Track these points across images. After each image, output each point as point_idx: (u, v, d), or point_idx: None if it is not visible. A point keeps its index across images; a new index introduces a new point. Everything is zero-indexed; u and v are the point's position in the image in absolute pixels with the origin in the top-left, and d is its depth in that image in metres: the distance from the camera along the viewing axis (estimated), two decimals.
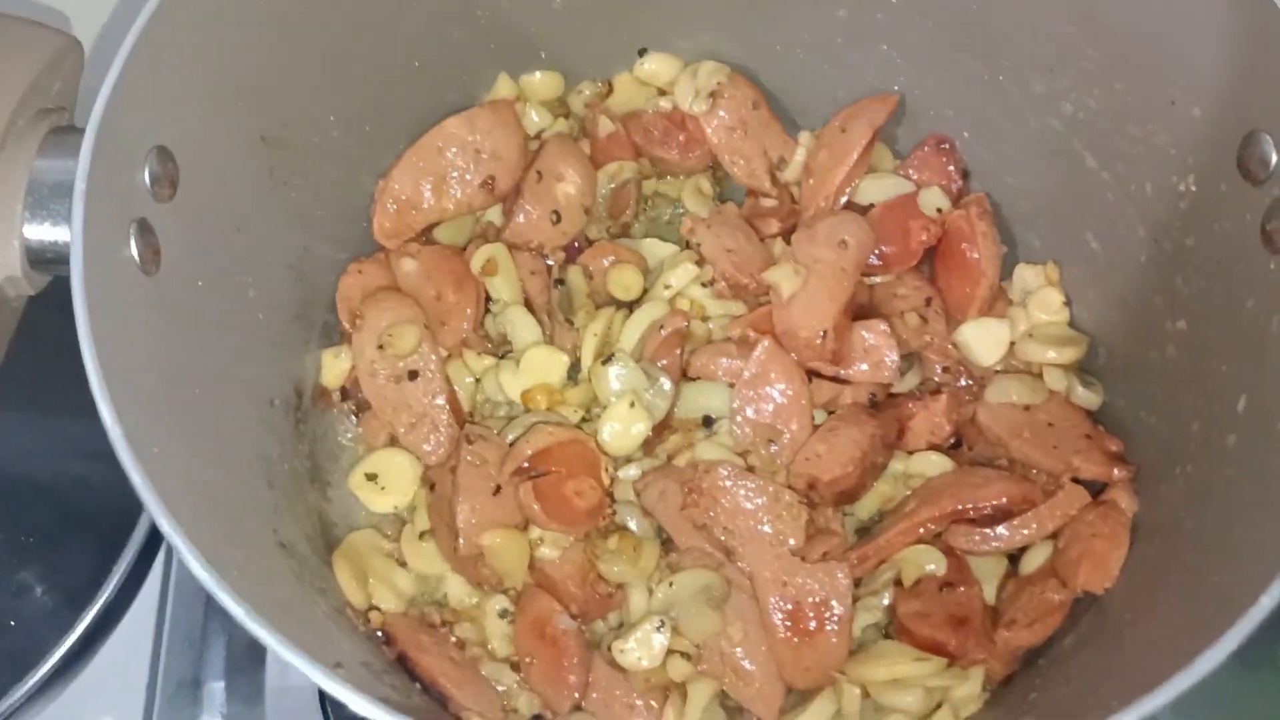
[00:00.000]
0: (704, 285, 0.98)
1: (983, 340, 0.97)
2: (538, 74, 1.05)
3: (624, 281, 0.99)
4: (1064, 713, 0.76)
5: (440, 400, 0.93)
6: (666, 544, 0.91)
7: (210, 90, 0.79)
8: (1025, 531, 0.85)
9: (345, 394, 0.98)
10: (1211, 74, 0.78)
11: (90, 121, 0.68)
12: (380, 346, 0.93)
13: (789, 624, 0.85)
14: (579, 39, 1.04)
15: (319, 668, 0.61)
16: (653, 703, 0.85)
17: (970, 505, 0.85)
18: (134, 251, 0.70)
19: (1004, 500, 0.85)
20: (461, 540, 0.86)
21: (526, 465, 0.87)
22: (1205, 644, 0.58)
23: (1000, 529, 0.85)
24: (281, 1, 0.82)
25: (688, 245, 1.01)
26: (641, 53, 1.07)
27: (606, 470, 0.91)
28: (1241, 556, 0.66)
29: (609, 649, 0.86)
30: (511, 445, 0.89)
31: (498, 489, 0.88)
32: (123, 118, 0.70)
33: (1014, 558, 0.88)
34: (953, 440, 0.95)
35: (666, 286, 0.98)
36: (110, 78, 0.69)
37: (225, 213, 0.82)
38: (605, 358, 0.92)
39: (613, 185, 1.04)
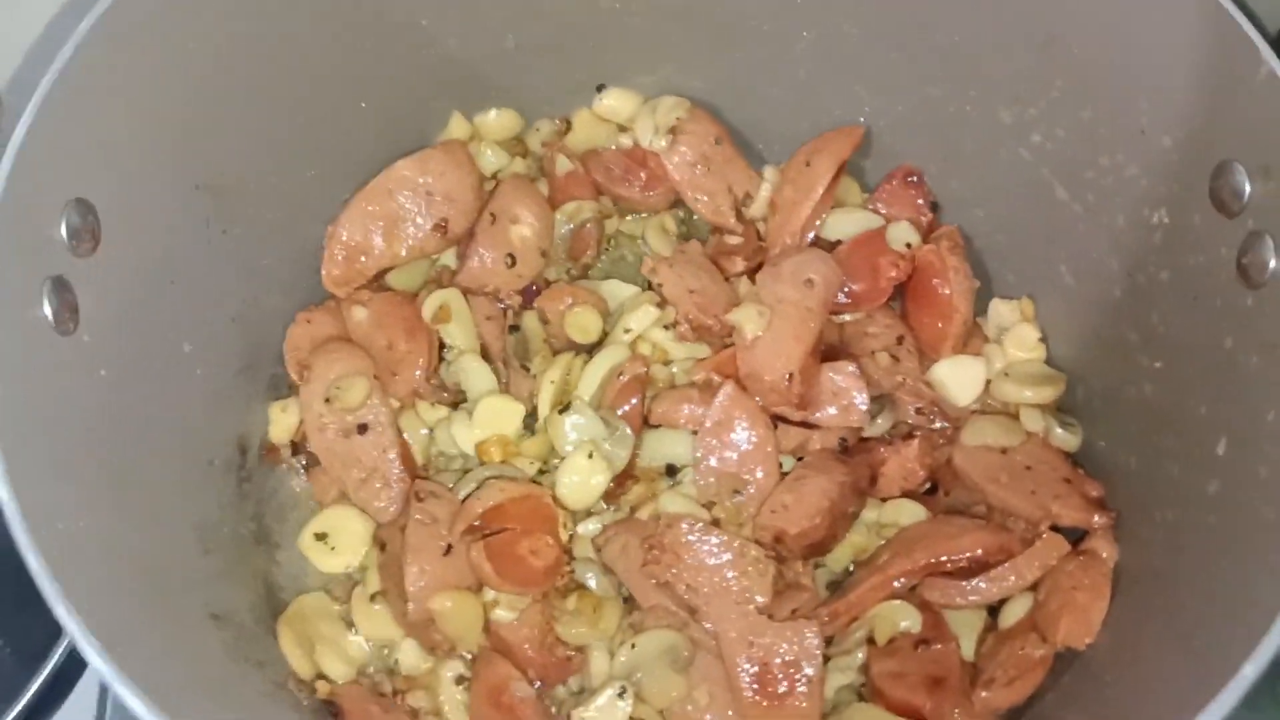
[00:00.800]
0: (666, 328, 0.95)
1: (958, 379, 0.93)
2: (493, 112, 1.03)
3: (582, 324, 0.95)
4: None
5: (391, 455, 0.89)
6: (629, 601, 0.87)
7: (136, 138, 0.76)
8: (1003, 584, 0.81)
9: (296, 448, 0.94)
10: (1181, 102, 0.75)
11: None
12: (328, 400, 0.89)
13: (757, 686, 0.81)
14: (535, 76, 1.01)
15: None
16: None
17: (945, 557, 0.81)
18: (47, 310, 0.67)
19: (980, 551, 0.81)
20: (410, 604, 0.82)
21: (478, 523, 0.83)
22: (1190, 712, 0.54)
23: (977, 582, 0.81)
24: (212, 44, 0.79)
25: (650, 286, 0.97)
26: (600, 89, 1.04)
27: (565, 525, 0.87)
28: (1225, 615, 0.62)
29: (569, 717, 0.81)
30: (463, 502, 0.85)
31: (449, 549, 0.84)
32: (36, 170, 0.66)
33: (994, 609, 0.84)
34: (928, 485, 0.91)
35: (627, 330, 0.94)
36: (20, 128, 0.66)
37: (156, 265, 0.79)
38: (562, 407, 0.89)
39: (571, 226, 1.01)
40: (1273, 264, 0.69)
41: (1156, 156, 0.78)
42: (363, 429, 0.89)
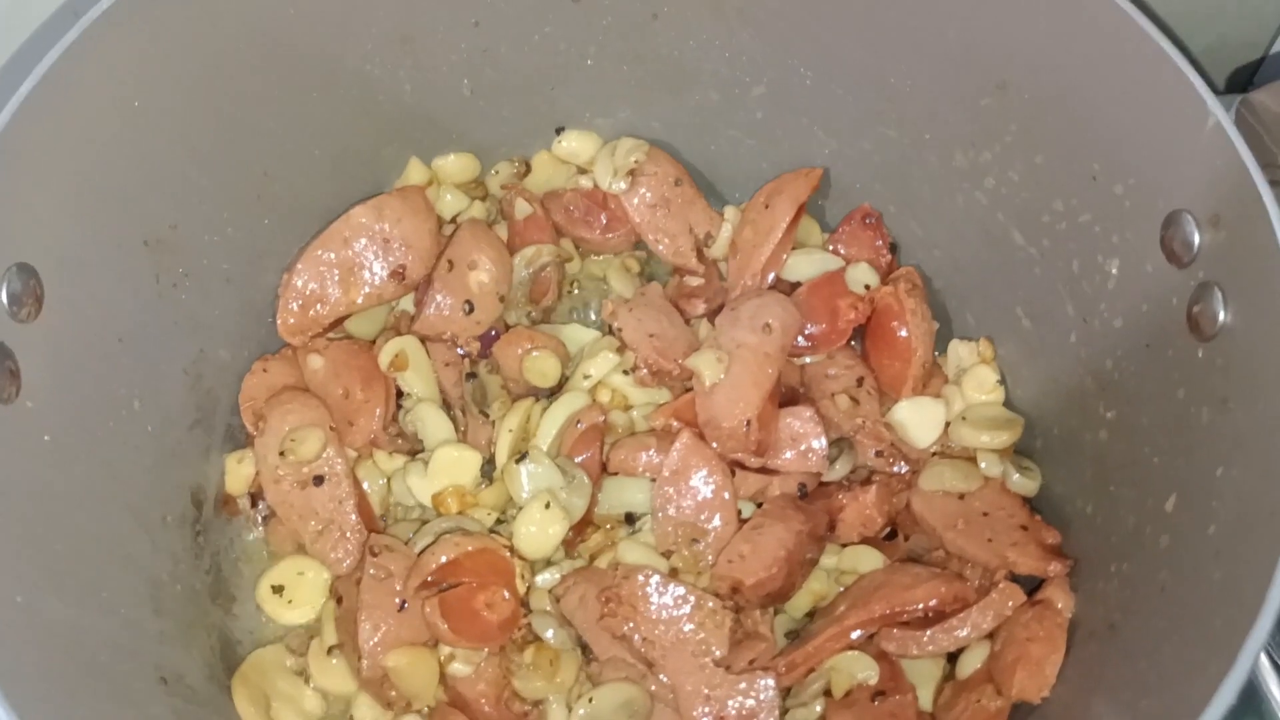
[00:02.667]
0: (626, 372, 0.94)
1: (918, 421, 0.93)
2: (451, 156, 1.02)
3: (541, 369, 0.94)
4: None
5: (348, 506, 0.89)
6: (587, 651, 0.86)
7: (81, 198, 0.75)
8: (959, 634, 0.80)
9: (254, 500, 0.93)
10: (1131, 150, 0.75)
11: None
12: (282, 453, 0.88)
13: None
14: (492, 120, 1.01)
15: None
16: None
17: (901, 607, 0.81)
18: None
19: (935, 601, 0.81)
20: (364, 661, 0.81)
21: (432, 579, 0.82)
22: None
23: (933, 632, 0.80)
24: (158, 99, 0.78)
25: (610, 330, 0.97)
26: (559, 131, 1.03)
27: (522, 576, 0.87)
28: (1170, 680, 0.62)
29: None
30: (418, 557, 0.84)
31: (403, 605, 0.83)
32: None
33: (954, 656, 0.84)
34: (888, 530, 0.91)
35: (586, 376, 0.94)
36: None
37: (102, 324, 0.78)
38: (519, 456, 0.88)
39: (531, 270, 1.00)
40: (1222, 317, 0.69)
41: (1109, 203, 0.78)
42: (319, 480, 0.89)
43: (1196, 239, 0.71)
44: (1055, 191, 0.83)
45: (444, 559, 0.82)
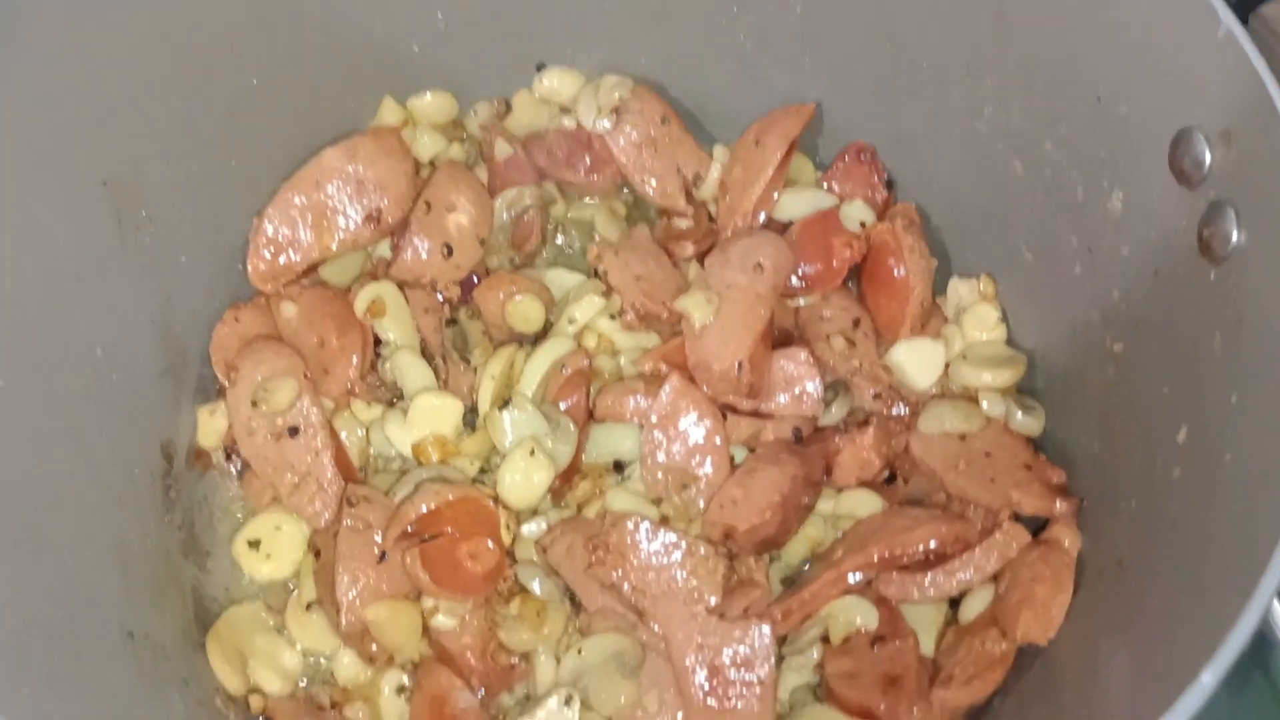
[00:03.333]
0: (612, 316, 0.91)
1: (916, 362, 0.90)
2: (427, 95, 0.98)
3: (524, 314, 0.91)
4: None
5: (325, 458, 0.85)
6: (575, 603, 0.83)
7: (32, 134, 0.71)
8: (960, 576, 0.77)
9: (229, 453, 0.90)
10: (1137, 68, 0.71)
11: None
12: (255, 403, 0.85)
13: (709, 689, 0.77)
14: (470, 57, 0.97)
15: None
16: None
17: (900, 550, 0.78)
18: None
19: (935, 543, 0.77)
20: (343, 614, 0.78)
21: (413, 529, 0.79)
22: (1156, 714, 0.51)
23: (934, 575, 0.77)
24: (117, 34, 0.74)
25: (596, 274, 0.93)
26: (540, 68, 0.99)
27: (507, 527, 0.83)
28: (1185, 617, 0.59)
29: None
30: (398, 506, 0.81)
31: (383, 556, 0.80)
32: None
33: (956, 602, 0.81)
34: (887, 474, 0.88)
35: (571, 320, 0.90)
36: None
37: (60, 268, 0.74)
38: (502, 403, 0.85)
39: (512, 213, 0.96)
40: (1235, 237, 0.65)
41: (1114, 126, 0.74)
42: (293, 432, 0.85)
43: (1207, 157, 0.67)
44: (1057, 117, 0.79)
45: (424, 508, 0.79)
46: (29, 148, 0.71)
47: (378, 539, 0.80)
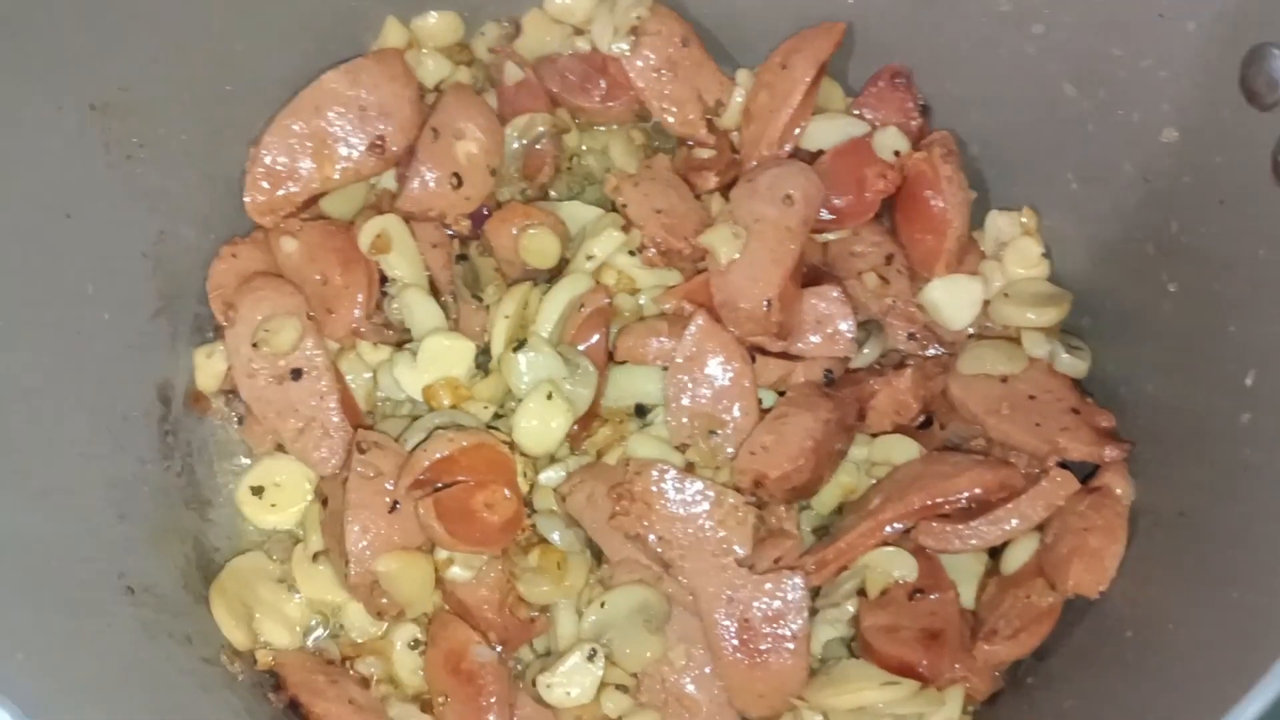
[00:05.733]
0: (632, 253, 0.86)
1: (953, 300, 0.85)
2: (432, 15, 0.92)
3: (540, 248, 0.86)
4: None
5: (330, 402, 0.81)
6: (597, 555, 0.79)
7: (10, 57, 0.65)
8: (1005, 526, 0.74)
9: (229, 396, 0.85)
10: None
11: None
12: (255, 344, 0.80)
13: (739, 644, 0.74)
14: None
15: None
16: None
17: (941, 498, 0.74)
18: None
19: (979, 490, 0.74)
20: (352, 566, 0.75)
21: (426, 477, 0.75)
22: (1238, 686, 0.47)
23: (977, 524, 0.74)
24: None
25: (614, 207, 0.88)
26: None
27: (524, 474, 0.79)
28: (1266, 563, 0.55)
29: (534, 683, 0.74)
30: (410, 454, 0.77)
31: (394, 505, 0.76)
32: None
33: (996, 552, 0.77)
34: (922, 418, 0.83)
35: (589, 256, 0.85)
36: None
37: (46, 197, 0.69)
38: (517, 344, 0.80)
39: (524, 141, 0.91)
40: None
41: (1178, 44, 0.70)
42: (296, 374, 0.81)
43: None
44: (1115, 34, 0.74)
45: (438, 455, 0.75)
46: (7, 66, 0.65)
47: (389, 487, 0.76)
